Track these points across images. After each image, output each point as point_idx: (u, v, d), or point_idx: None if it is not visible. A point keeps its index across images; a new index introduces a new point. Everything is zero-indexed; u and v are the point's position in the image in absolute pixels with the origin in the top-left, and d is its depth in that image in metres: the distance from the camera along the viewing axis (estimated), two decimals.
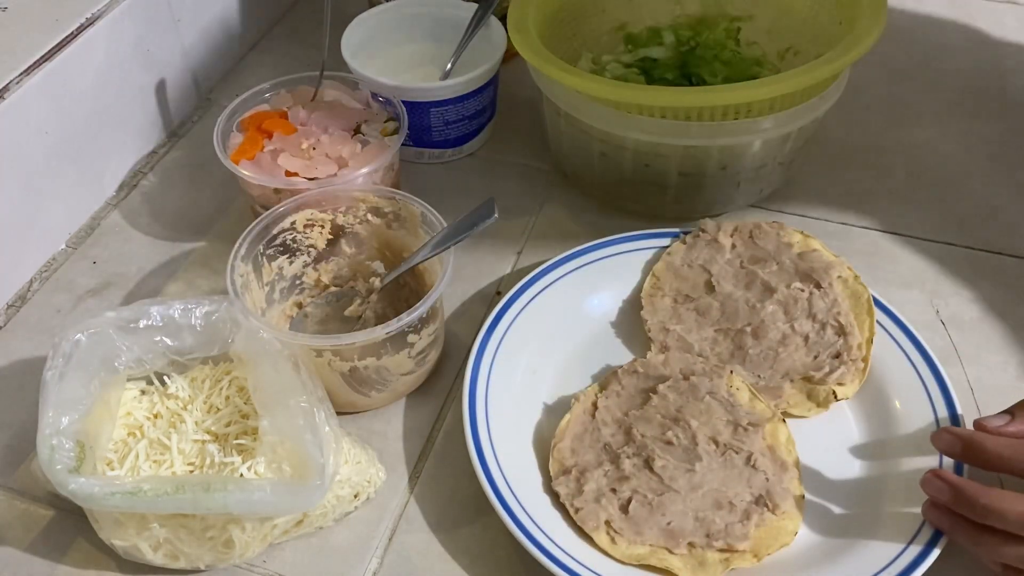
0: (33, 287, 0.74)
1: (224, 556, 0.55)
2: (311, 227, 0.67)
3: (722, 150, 0.70)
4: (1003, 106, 0.87)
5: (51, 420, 0.52)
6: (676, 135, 0.69)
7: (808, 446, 0.59)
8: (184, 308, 0.59)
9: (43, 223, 0.74)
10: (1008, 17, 0.98)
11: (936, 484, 0.53)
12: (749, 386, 0.62)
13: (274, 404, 0.55)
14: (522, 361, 0.65)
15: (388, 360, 0.61)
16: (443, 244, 0.61)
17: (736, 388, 0.61)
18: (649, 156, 0.72)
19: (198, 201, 0.80)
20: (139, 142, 0.84)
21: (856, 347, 0.63)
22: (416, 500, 0.60)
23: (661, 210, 0.76)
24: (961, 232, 0.76)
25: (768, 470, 0.57)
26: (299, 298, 0.69)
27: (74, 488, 0.50)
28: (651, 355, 0.64)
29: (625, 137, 0.70)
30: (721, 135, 0.68)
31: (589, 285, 0.69)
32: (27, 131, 0.70)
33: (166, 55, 0.84)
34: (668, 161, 0.72)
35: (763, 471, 0.57)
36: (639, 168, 0.73)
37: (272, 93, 0.76)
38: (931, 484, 0.53)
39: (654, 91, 0.73)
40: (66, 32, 0.72)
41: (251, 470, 0.54)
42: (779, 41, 0.81)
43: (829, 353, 0.63)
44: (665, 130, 0.69)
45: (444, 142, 0.82)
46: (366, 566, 0.57)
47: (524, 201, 0.79)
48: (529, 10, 0.75)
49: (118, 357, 0.58)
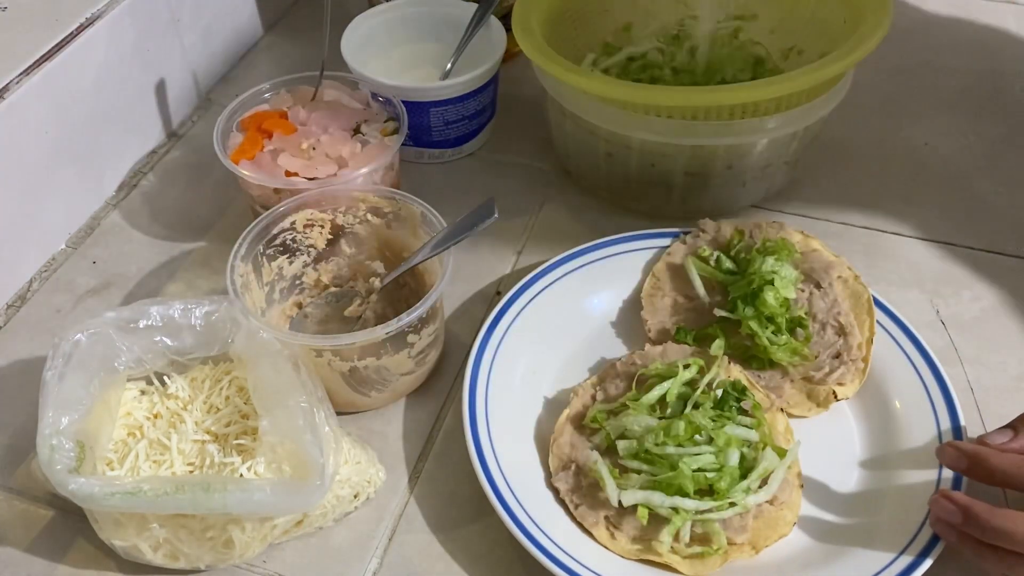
0: (33, 287, 0.74)
1: (224, 556, 0.55)
2: (311, 227, 0.67)
3: (728, 150, 0.70)
4: (1003, 106, 0.87)
5: (51, 420, 0.52)
6: (683, 135, 0.69)
7: (808, 446, 0.59)
8: (184, 308, 0.59)
9: (43, 223, 0.74)
10: (1008, 17, 0.98)
11: (947, 507, 0.53)
12: (746, 376, 0.62)
13: (274, 404, 0.55)
14: (522, 361, 0.65)
15: (388, 360, 0.61)
16: (443, 244, 0.61)
17: (733, 378, 0.61)
18: (655, 156, 0.72)
19: (198, 201, 0.80)
20: (139, 142, 0.84)
21: (856, 347, 0.63)
22: (416, 500, 0.60)
23: (667, 210, 0.76)
24: (961, 232, 0.76)
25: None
26: (299, 298, 0.69)
27: (74, 488, 0.50)
28: (648, 347, 0.64)
29: (631, 137, 0.71)
30: (727, 135, 0.69)
31: (589, 285, 0.69)
32: (27, 131, 0.70)
33: (166, 55, 0.84)
34: (674, 161, 0.72)
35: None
36: (645, 168, 0.73)
37: (272, 93, 0.76)
38: (941, 507, 0.53)
39: (662, 91, 0.73)
40: (66, 32, 0.72)
41: (251, 470, 0.54)
42: (783, 40, 0.81)
43: (829, 353, 0.63)
44: (672, 130, 0.69)
45: (444, 142, 0.82)
46: (366, 566, 0.57)
47: (524, 201, 0.79)
48: (533, 10, 0.75)
49: (118, 357, 0.58)
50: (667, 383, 0.60)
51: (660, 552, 0.54)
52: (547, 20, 0.76)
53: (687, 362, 0.61)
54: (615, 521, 0.56)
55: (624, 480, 0.57)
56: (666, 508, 0.55)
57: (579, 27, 0.82)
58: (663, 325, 0.67)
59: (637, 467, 0.57)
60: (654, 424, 0.58)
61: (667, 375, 0.61)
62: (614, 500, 0.55)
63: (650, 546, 0.55)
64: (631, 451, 0.58)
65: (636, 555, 0.55)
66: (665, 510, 0.55)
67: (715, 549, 0.54)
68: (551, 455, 0.60)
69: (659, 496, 0.55)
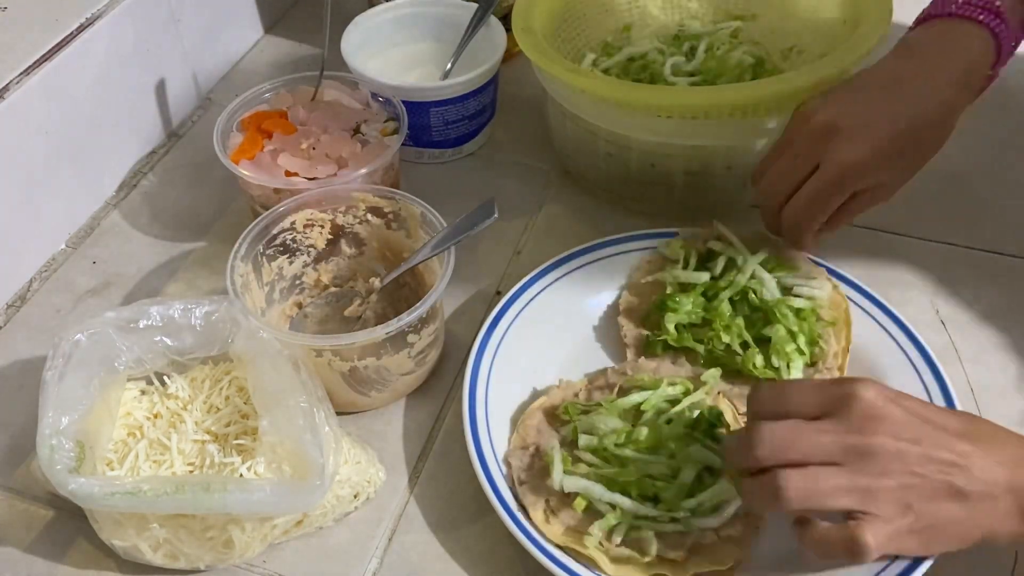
0: (33, 287, 0.74)
1: (224, 556, 0.55)
2: (311, 227, 0.67)
3: (728, 150, 0.71)
4: (1003, 106, 0.87)
5: (51, 420, 0.52)
6: (683, 135, 0.69)
7: None
8: (184, 308, 0.59)
9: (43, 223, 0.74)
10: None
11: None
12: (734, 411, 0.61)
13: (274, 404, 0.55)
14: (522, 361, 0.65)
15: (388, 360, 0.61)
16: (443, 244, 0.61)
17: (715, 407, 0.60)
18: (655, 156, 0.72)
19: (198, 201, 0.80)
20: (139, 142, 0.84)
21: (832, 356, 0.63)
22: (416, 500, 0.60)
23: (666, 209, 0.76)
24: (961, 232, 0.76)
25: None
26: (299, 298, 0.69)
27: (74, 488, 0.50)
28: (643, 360, 0.64)
29: (632, 137, 0.71)
30: (728, 135, 0.69)
31: (589, 285, 0.69)
32: (27, 131, 0.70)
33: (166, 55, 0.84)
34: (674, 161, 0.72)
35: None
36: (645, 168, 0.73)
37: (272, 93, 0.76)
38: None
39: (663, 91, 0.73)
40: (66, 32, 0.72)
41: (251, 470, 0.54)
42: (783, 40, 0.81)
43: (803, 361, 0.63)
44: (672, 130, 0.69)
45: (444, 142, 0.82)
46: (366, 566, 0.57)
47: (524, 201, 0.79)
48: (533, 10, 0.75)
49: (118, 357, 0.58)
50: (646, 393, 0.60)
51: (586, 545, 0.54)
52: (547, 20, 0.76)
53: (673, 380, 0.61)
54: (555, 507, 0.56)
55: (573, 469, 0.57)
56: (604, 503, 0.55)
57: (579, 27, 0.82)
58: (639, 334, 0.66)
59: (590, 460, 0.57)
60: (620, 427, 0.58)
61: (650, 387, 0.61)
62: (556, 484, 0.55)
63: (580, 538, 0.54)
64: (590, 446, 0.58)
65: (563, 542, 0.54)
66: (603, 505, 0.55)
67: (643, 557, 0.53)
68: (515, 433, 0.60)
69: (600, 489, 0.55)
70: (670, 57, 0.80)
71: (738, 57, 0.79)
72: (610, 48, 0.83)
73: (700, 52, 0.80)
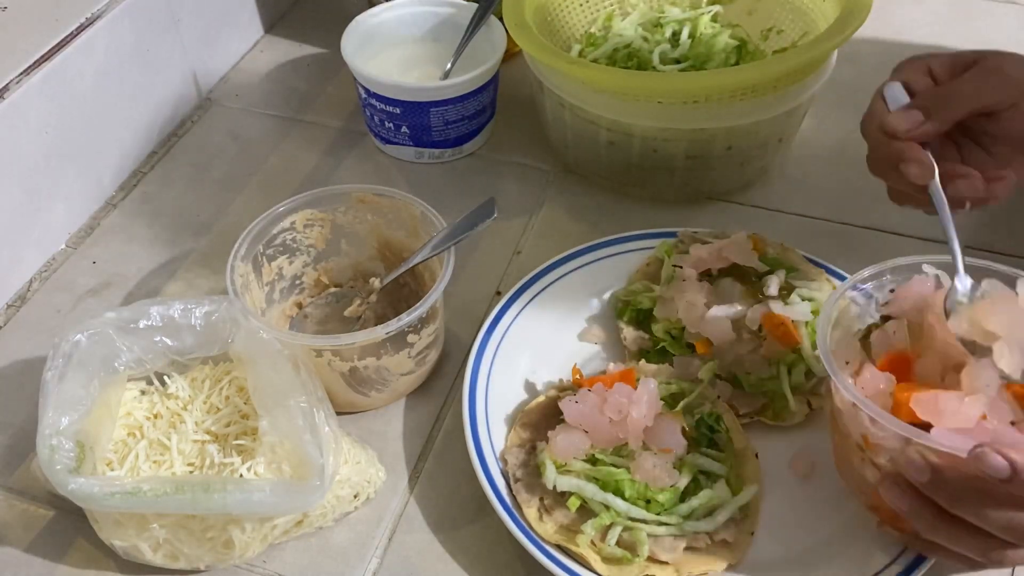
0: (33, 287, 0.74)
1: (224, 556, 0.55)
2: (311, 227, 0.67)
3: (728, 131, 0.71)
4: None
5: (51, 420, 0.52)
6: (684, 120, 0.70)
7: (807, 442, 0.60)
8: (184, 308, 0.59)
9: (43, 223, 0.74)
10: (1008, 17, 0.98)
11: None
12: (733, 418, 0.60)
13: (274, 404, 0.55)
14: (522, 361, 0.65)
15: (388, 360, 0.61)
16: (443, 244, 0.61)
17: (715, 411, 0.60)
18: (657, 142, 0.72)
19: (198, 201, 0.80)
20: (139, 142, 0.84)
21: None
22: (416, 500, 0.60)
23: (668, 193, 0.77)
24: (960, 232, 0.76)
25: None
26: (299, 298, 0.69)
27: (74, 488, 0.50)
28: (643, 363, 0.64)
29: (634, 124, 0.71)
30: (728, 117, 0.70)
31: (589, 285, 0.69)
32: (27, 131, 0.70)
33: (166, 55, 0.84)
34: (676, 145, 0.72)
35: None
36: (647, 154, 0.74)
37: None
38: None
39: (667, 77, 0.74)
40: (66, 32, 0.72)
41: (251, 470, 0.54)
42: (761, 21, 0.82)
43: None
44: (674, 115, 0.70)
45: (444, 142, 0.82)
46: (366, 566, 0.57)
47: (524, 201, 0.79)
48: (522, 7, 0.75)
49: (118, 357, 0.58)
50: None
51: (579, 543, 0.54)
52: (535, 14, 0.77)
53: (669, 380, 0.61)
54: (549, 506, 0.56)
55: (568, 469, 0.56)
56: (597, 502, 0.55)
57: (563, 20, 0.83)
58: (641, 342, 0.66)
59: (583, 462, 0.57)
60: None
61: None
62: (550, 483, 0.55)
63: (572, 536, 0.54)
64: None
65: (555, 540, 0.55)
66: (596, 504, 0.55)
67: (635, 558, 0.53)
68: (512, 431, 0.60)
69: (593, 488, 0.55)
70: (656, 45, 0.80)
71: (723, 42, 0.79)
72: (594, 39, 0.83)
73: (684, 38, 0.80)
